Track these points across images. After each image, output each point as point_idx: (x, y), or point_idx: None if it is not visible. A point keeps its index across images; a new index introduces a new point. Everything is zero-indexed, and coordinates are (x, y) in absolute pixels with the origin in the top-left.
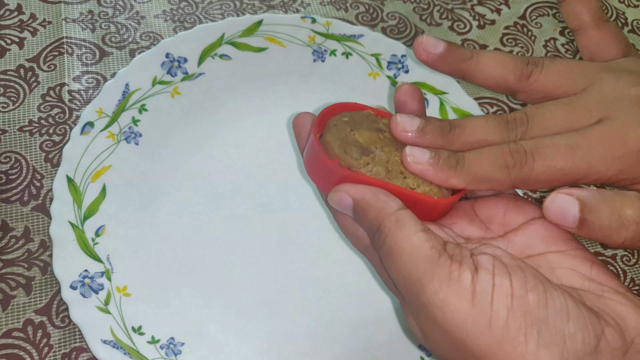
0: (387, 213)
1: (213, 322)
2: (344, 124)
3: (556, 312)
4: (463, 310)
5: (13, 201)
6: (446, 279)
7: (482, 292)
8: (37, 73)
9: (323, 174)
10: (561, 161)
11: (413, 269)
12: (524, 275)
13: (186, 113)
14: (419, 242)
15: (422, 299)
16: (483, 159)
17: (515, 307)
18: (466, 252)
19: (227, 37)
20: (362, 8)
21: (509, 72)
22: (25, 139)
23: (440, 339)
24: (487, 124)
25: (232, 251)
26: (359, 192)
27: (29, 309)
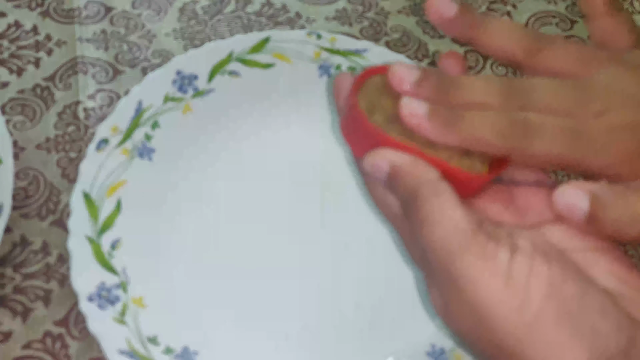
0: (426, 181)
1: (227, 332)
2: (375, 87)
3: (592, 307)
4: (495, 288)
5: (32, 216)
6: (482, 254)
7: (518, 274)
8: (52, 92)
9: (359, 136)
10: (560, 145)
11: (447, 240)
12: (563, 265)
13: (198, 129)
14: (456, 215)
15: (453, 271)
16: (484, 122)
17: (550, 295)
18: (504, 232)
19: (235, 54)
20: (366, 22)
21: (518, 45)
22: (42, 156)
23: (463, 315)
24: (490, 85)
25: (247, 263)
26: (398, 158)
27: (48, 321)
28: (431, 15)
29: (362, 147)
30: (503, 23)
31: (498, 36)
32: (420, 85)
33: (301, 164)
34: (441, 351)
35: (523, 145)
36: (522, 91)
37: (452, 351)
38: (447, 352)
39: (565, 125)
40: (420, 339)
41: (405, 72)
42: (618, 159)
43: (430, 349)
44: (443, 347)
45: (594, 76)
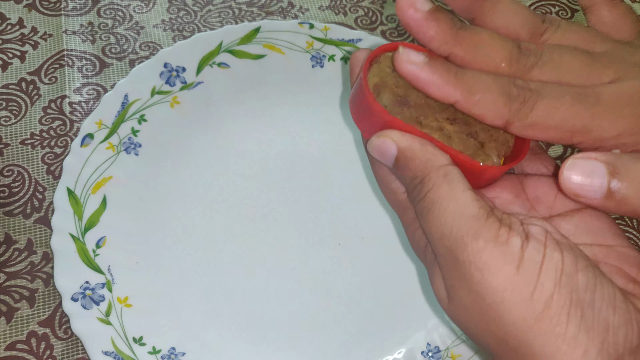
0: (435, 166)
1: (214, 332)
2: (389, 62)
3: (603, 299)
4: (506, 275)
5: (16, 214)
6: (493, 239)
7: (531, 261)
8: (38, 86)
9: (366, 117)
10: (564, 107)
11: (456, 225)
12: (575, 254)
13: (186, 122)
14: (467, 200)
15: (462, 257)
16: (487, 79)
17: (563, 283)
18: (516, 219)
19: (225, 45)
20: (361, 12)
21: (522, 25)
22: (27, 152)
23: (470, 303)
24: (500, 39)
25: (234, 260)
26: (406, 140)
27: (33, 321)
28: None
29: (370, 128)
30: (510, 2)
31: (503, 15)
32: (433, 15)
33: (293, 158)
34: (436, 350)
35: (526, 109)
36: (534, 52)
37: (447, 350)
38: (442, 351)
39: (574, 90)
40: (416, 338)
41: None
42: (627, 128)
43: (425, 348)
44: (438, 346)
45: (607, 51)
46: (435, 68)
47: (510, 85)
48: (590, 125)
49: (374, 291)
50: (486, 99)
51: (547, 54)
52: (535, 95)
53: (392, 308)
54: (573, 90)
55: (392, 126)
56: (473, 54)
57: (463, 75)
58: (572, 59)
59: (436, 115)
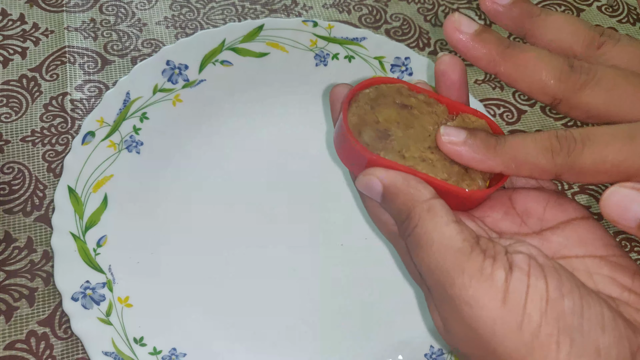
0: (418, 201)
1: (215, 333)
2: (366, 99)
3: (591, 321)
4: (493, 308)
5: (16, 212)
6: (477, 274)
7: (515, 292)
8: (39, 83)
9: (350, 155)
10: (613, 152)
11: (442, 260)
12: (560, 278)
13: (188, 120)
14: (451, 234)
15: (450, 292)
16: (526, 141)
17: (549, 312)
18: (500, 248)
19: (228, 42)
20: (366, 10)
21: (578, 38)
22: (28, 149)
23: (463, 335)
24: (550, 58)
25: (236, 260)
26: (389, 177)
27: (32, 320)
28: (485, 3)
29: (356, 166)
30: (562, 15)
31: (555, 29)
32: (480, 37)
33: (296, 156)
34: (440, 352)
35: (572, 159)
36: (585, 71)
37: (451, 353)
38: (445, 354)
39: (618, 128)
40: (419, 340)
41: (465, 21)
42: None
43: (428, 351)
44: (441, 349)
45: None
46: (475, 146)
47: (550, 139)
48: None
49: (376, 292)
50: (530, 162)
51: (600, 73)
52: (581, 144)
53: (395, 310)
54: (623, 131)
55: (376, 163)
56: (519, 72)
57: (503, 146)
58: (625, 85)
59: (417, 145)
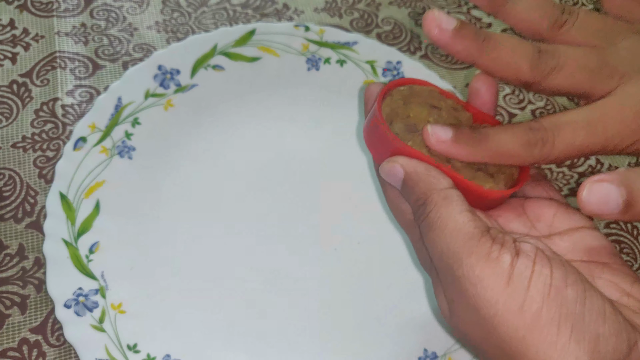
0: (436, 188)
1: (210, 338)
2: (400, 96)
3: (593, 312)
4: (496, 288)
5: (7, 218)
6: (484, 256)
7: (519, 275)
8: (30, 88)
9: (379, 143)
10: (580, 138)
11: (452, 242)
12: (565, 270)
13: (180, 125)
14: (463, 220)
15: (457, 272)
16: (507, 136)
17: (551, 297)
18: (509, 237)
19: (220, 47)
20: (357, 14)
21: (543, 18)
22: (18, 155)
23: (467, 316)
24: (521, 46)
25: (230, 266)
26: (412, 165)
27: (24, 328)
28: None
29: (382, 154)
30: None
31: (524, 9)
32: (459, 32)
33: (288, 161)
34: (433, 355)
35: (547, 148)
36: (551, 56)
37: (445, 356)
38: (439, 356)
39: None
40: (412, 343)
41: (444, 18)
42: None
43: (422, 354)
44: (435, 352)
45: (617, 46)
46: (461, 142)
47: (527, 133)
48: (605, 145)
49: (369, 296)
50: (511, 154)
51: (563, 57)
52: (552, 135)
53: (388, 313)
54: (583, 121)
55: (402, 152)
56: (495, 64)
57: (486, 141)
58: (586, 64)
59: None
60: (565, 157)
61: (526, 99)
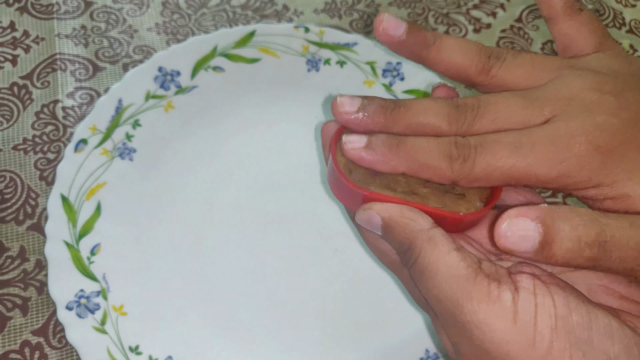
0: (418, 231)
1: (211, 340)
2: None
3: (600, 333)
4: (504, 329)
5: (8, 221)
6: (485, 298)
7: (525, 311)
8: (30, 90)
9: (345, 193)
10: (502, 159)
11: (449, 288)
12: (566, 295)
13: (180, 127)
14: (454, 262)
15: (460, 318)
16: (428, 145)
17: (559, 328)
18: (503, 270)
19: (220, 49)
20: (356, 15)
21: (470, 64)
22: (19, 157)
23: (477, 358)
24: (435, 105)
25: (231, 266)
26: (386, 211)
27: (26, 330)
28: (380, 35)
29: (352, 204)
30: (455, 40)
31: (449, 55)
32: (364, 112)
33: (289, 162)
34: (435, 356)
35: (468, 166)
36: (470, 106)
37: (446, 357)
38: (440, 358)
39: (507, 137)
40: (413, 344)
41: (347, 101)
42: (564, 171)
43: (424, 355)
44: (437, 352)
45: (546, 85)
46: (376, 147)
47: (450, 146)
48: (529, 173)
49: (370, 298)
50: (430, 165)
51: (483, 106)
52: (474, 152)
53: (389, 315)
54: (509, 141)
55: (372, 199)
56: (411, 129)
57: (404, 146)
58: (508, 106)
59: (409, 180)
60: (486, 180)
61: None
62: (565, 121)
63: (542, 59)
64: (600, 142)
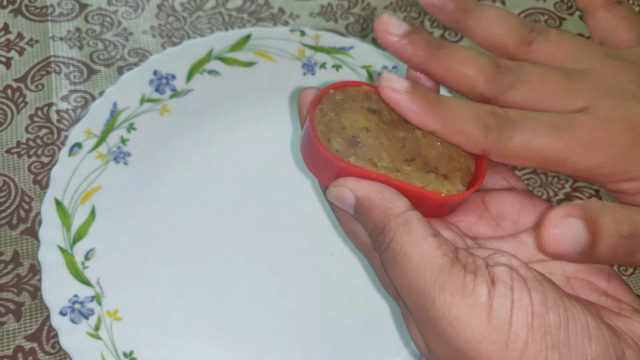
0: (393, 214)
1: (206, 344)
2: (332, 105)
3: (578, 333)
4: (478, 327)
5: (2, 225)
6: (459, 291)
7: (500, 309)
8: (24, 93)
9: (319, 164)
10: (541, 138)
11: (421, 279)
12: (544, 290)
13: (176, 131)
14: (429, 249)
15: (432, 312)
16: (466, 109)
17: (535, 327)
18: (480, 261)
19: (215, 52)
20: (352, 19)
21: (509, 35)
22: (13, 161)
23: (448, 355)
24: (478, 58)
25: (225, 271)
26: (362, 189)
27: (19, 336)
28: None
29: (325, 176)
30: (497, 10)
31: (489, 24)
32: (409, 38)
33: (285, 165)
34: None
35: (503, 138)
36: (512, 70)
37: None
38: None
39: (547, 116)
40: (411, 347)
41: (394, 22)
42: (600, 161)
43: (420, 358)
44: None
45: (587, 70)
46: (416, 97)
47: (488, 115)
48: (566, 158)
49: (367, 300)
50: (464, 130)
51: (525, 74)
52: (512, 125)
53: (386, 317)
54: (549, 121)
55: (347, 172)
56: (449, 73)
57: (443, 105)
58: (550, 82)
59: (392, 156)
60: (518, 157)
61: None
62: (608, 110)
63: (586, 43)
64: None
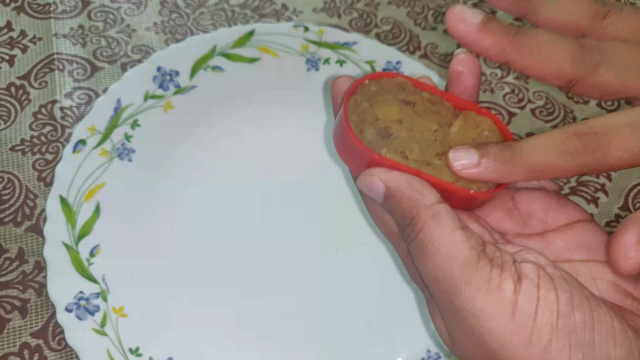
0: (423, 205)
1: (212, 341)
2: (366, 95)
3: (603, 335)
4: (502, 321)
5: (6, 222)
6: (485, 285)
7: (525, 305)
8: (28, 91)
9: (351, 154)
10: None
11: (448, 270)
12: (570, 289)
13: (179, 127)
14: (457, 242)
15: (457, 303)
16: (545, 147)
17: (560, 326)
18: (508, 257)
19: (219, 48)
20: (356, 14)
21: (581, 11)
22: (17, 158)
23: (470, 346)
24: (560, 39)
25: (232, 267)
26: (393, 180)
27: (25, 332)
28: None
29: (357, 166)
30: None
31: (557, 5)
32: (487, 27)
33: (289, 162)
34: (437, 356)
35: (598, 156)
36: (595, 49)
37: (448, 356)
38: (442, 358)
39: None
40: (415, 344)
41: (469, 12)
42: None
43: (425, 355)
44: (438, 352)
45: None
46: (490, 165)
47: (572, 140)
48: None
49: (372, 297)
50: (549, 167)
51: (611, 51)
52: (605, 139)
53: (391, 314)
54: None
55: (378, 163)
56: (532, 59)
57: (519, 155)
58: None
59: (423, 149)
60: (618, 167)
61: (526, 98)
62: None
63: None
64: None
